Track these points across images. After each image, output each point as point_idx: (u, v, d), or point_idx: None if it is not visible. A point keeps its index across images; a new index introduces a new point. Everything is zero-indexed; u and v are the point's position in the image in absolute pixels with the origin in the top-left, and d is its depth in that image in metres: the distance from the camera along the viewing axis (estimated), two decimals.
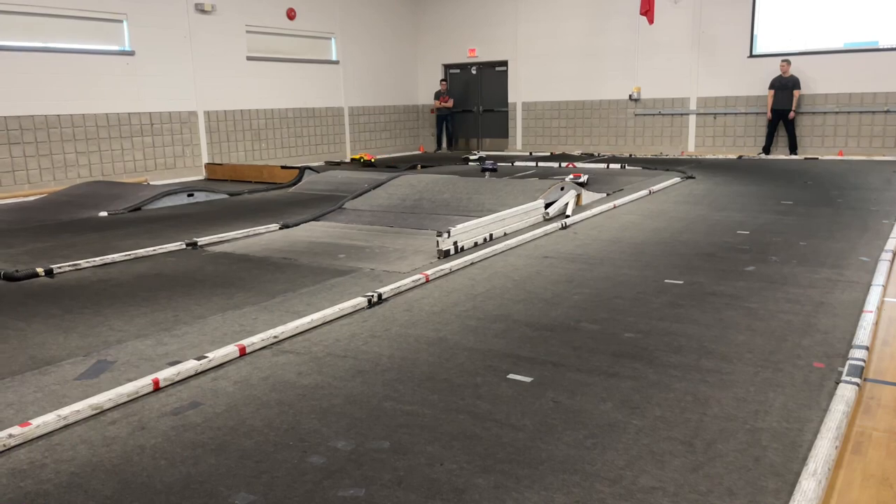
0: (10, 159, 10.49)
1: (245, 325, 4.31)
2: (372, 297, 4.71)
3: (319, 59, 15.56)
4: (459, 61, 18.01)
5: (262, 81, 14.14)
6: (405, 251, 6.31)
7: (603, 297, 4.76)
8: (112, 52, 11.69)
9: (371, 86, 16.86)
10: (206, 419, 3.03)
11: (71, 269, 5.78)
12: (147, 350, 3.89)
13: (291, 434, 2.88)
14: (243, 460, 2.67)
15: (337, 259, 6.06)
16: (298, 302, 4.78)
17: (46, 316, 4.55)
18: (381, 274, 5.50)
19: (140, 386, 3.29)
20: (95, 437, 2.87)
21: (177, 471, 2.60)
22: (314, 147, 15.52)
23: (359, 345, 3.93)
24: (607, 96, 16.19)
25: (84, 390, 3.32)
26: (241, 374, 3.54)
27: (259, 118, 14.23)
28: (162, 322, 4.40)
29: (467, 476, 2.51)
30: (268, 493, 2.43)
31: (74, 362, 3.72)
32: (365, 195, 8.75)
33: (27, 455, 2.73)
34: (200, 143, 13.17)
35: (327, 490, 2.44)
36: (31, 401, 3.23)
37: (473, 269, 5.64)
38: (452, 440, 2.79)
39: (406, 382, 3.39)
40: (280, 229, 7.46)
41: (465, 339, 3.98)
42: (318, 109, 15.52)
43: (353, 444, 2.77)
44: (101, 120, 11.55)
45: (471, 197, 8.05)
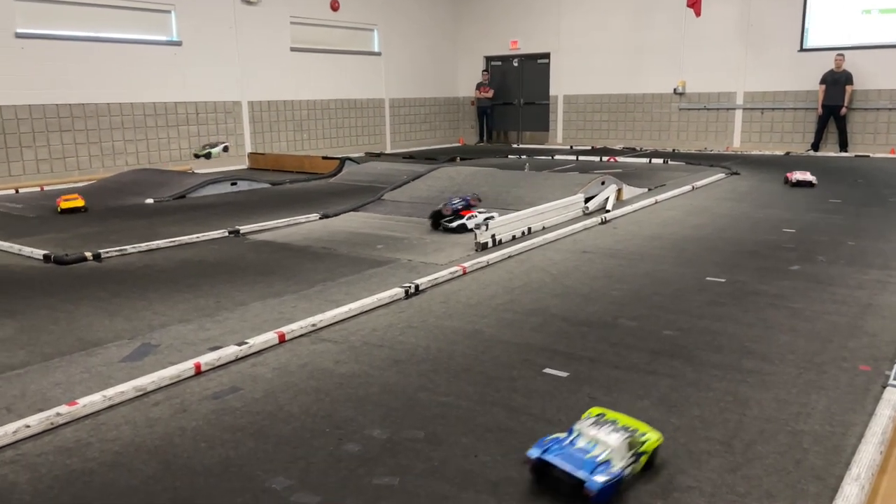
0: (61, 146, 10.80)
1: (284, 312, 4.37)
2: (409, 287, 4.73)
3: (361, 51, 15.65)
4: (501, 53, 17.92)
5: (305, 72, 14.28)
6: (442, 243, 6.32)
7: (642, 293, 4.70)
8: (160, 42, 11.93)
9: (412, 77, 16.89)
10: (245, 404, 3.09)
11: (118, 254, 5.94)
12: (189, 335, 3.98)
13: (328, 421, 2.91)
14: (281, 445, 2.72)
15: (375, 249, 6.10)
16: (337, 291, 4.83)
17: (94, 299, 4.68)
18: (419, 265, 5.53)
19: (182, 369, 3.37)
20: (139, 418, 2.95)
21: (216, 453, 2.66)
22: (355, 138, 15.63)
23: (395, 335, 3.96)
24: (651, 90, 15.94)
25: (129, 372, 3.42)
26: (280, 360, 3.60)
27: (301, 109, 14.39)
28: (204, 308, 4.49)
29: (501, 469, 2.52)
30: (304, 478, 2.47)
31: (120, 345, 3.82)
32: (404, 186, 8.79)
33: (74, 433, 2.82)
34: (244, 132, 13.37)
35: (362, 477, 2.47)
36: (78, 381, 3.33)
37: (511, 262, 5.63)
38: (487, 432, 2.79)
39: (441, 373, 3.40)
40: (320, 219, 7.54)
41: (502, 333, 3.97)
42: (359, 101, 15.61)
43: (388, 433, 2.79)
44: (148, 109, 11.81)
45: (509, 190, 8.02)
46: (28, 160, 10.46)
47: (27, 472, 2.52)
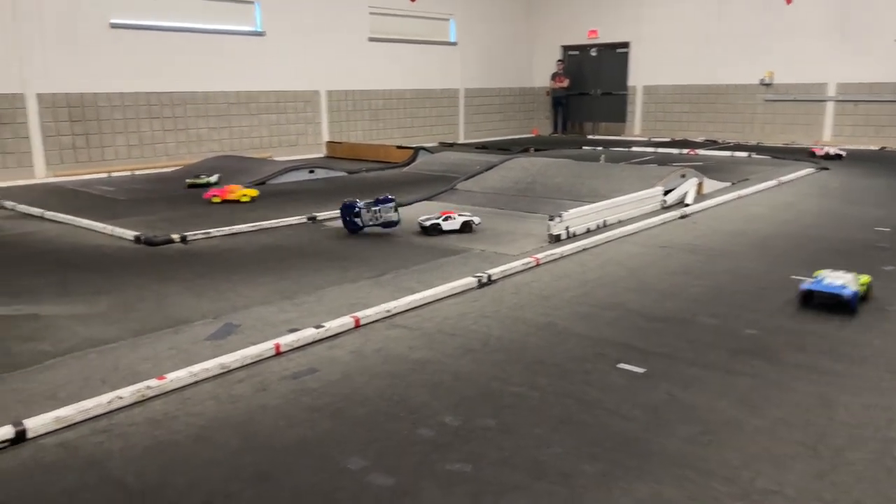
0: (150, 132, 11.30)
1: (360, 298, 4.45)
2: (482, 277, 4.73)
3: (438, 41, 15.69)
4: (578, 43, 17.62)
5: (382, 62, 14.44)
6: (515, 234, 6.29)
7: (723, 290, 4.56)
8: (244, 32, 12.30)
9: (487, 67, 16.83)
10: (322, 385, 3.17)
11: (203, 237, 6.18)
12: (270, 316, 4.11)
13: (402, 406, 2.96)
14: (356, 427, 2.78)
15: (448, 239, 6.12)
16: (410, 279, 4.88)
17: (180, 279, 4.89)
18: (491, 255, 5.52)
19: (263, 349, 3.49)
20: (222, 394, 3.07)
21: (295, 432, 2.74)
22: (428, 128, 15.71)
23: (468, 324, 3.97)
24: (735, 80, 15.34)
25: (213, 350, 3.56)
26: (355, 344, 3.67)
27: (377, 98, 14.56)
28: (283, 291, 4.62)
29: (574, 461, 2.50)
30: (379, 460, 2.52)
31: (205, 323, 3.98)
32: (477, 177, 8.78)
33: (162, 406, 2.97)
34: (322, 121, 13.65)
35: (435, 462, 2.50)
36: (166, 357, 3.49)
37: (585, 255, 5.55)
38: (560, 424, 2.77)
39: (514, 364, 3.40)
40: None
41: (575, 325, 3.93)
42: (434, 91, 15.68)
43: (460, 420, 2.81)
44: (231, 97, 12.20)
45: (584, 182, 7.90)
46: (120, 146, 10.98)
47: (120, 441, 2.67)
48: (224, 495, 2.31)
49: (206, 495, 2.31)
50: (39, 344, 3.63)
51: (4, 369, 3.30)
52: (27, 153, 9.99)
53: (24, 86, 9.83)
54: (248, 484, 2.38)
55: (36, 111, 10.00)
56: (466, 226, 6.25)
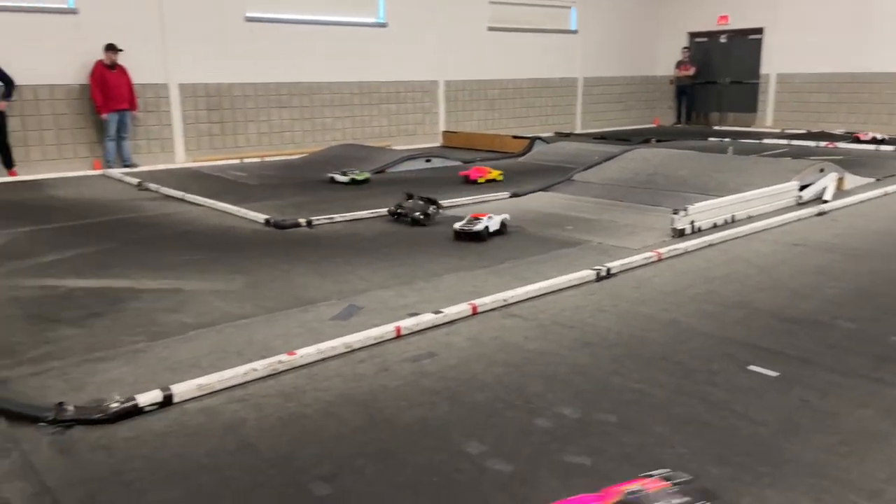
0: (279, 121, 11.86)
1: (476, 286, 4.49)
2: (600, 270, 4.64)
3: (557, 29, 15.46)
4: (707, 29, 16.82)
5: (500, 52, 14.41)
6: (636, 227, 6.12)
7: (866, 293, 4.24)
8: (368, 24, 12.64)
9: (608, 56, 16.41)
10: (440, 369, 3.23)
11: (327, 221, 6.43)
12: (389, 300, 4.22)
13: (518, 394, 2.96)
14: (474, 412, 2.81)
15: (564, 230, 6.05)
16: (526, 269, 4.87)
17: (307, 261, 5.12)
18: (610, 248, 5.40)
19: (384, 331, 3.59)
20: (347, 372, 3.20)
21: (415, 413, 2.81)
22: (545, 118, 15.54)
23: (585, 317, 3.92)
24: (882, 69, 14.12)
25: (337, 329, 3.70)
26: (472, 331, 3.71)
27: (494, 88, 14.56)
28: (402, 276, 4.73)
29: (700, 463, 2.41)
30: (497, 445, 2.54)
31: (329, 304, 4.15)
32: (595, 168, 8.60)
33: (292, 380, 3.12)
34: (439, 111, 13.82)
35: (553, 453, 2.49)
36: (296, 333, 3.67)
37: (711, 251, 5.32)
38: (684, 424, 2.68)
39: (634, 360, 3.32)
40: (510, 197, 7.62)
41: (700, 324, 3.78)
42: (551, 80, 15.48)
43: (579, 413, 2.78)
44: (354, 88, 12.59)
45: (711, 175, 7.55)
46: (251, 133, 11.61)
47: (254, 411, 2.84)
48: (350, 469, 2.41)
49: (333, 467, 2.42)
50: (183, 316, 3.92)
51: (153, 338, 3.59)
52: (169, 139, 10.76)
53: (168, 76, 10.59)
54: (371, 459, 2.47)
55: (178, 100, 10.74)
56: (503, 226, 5.86)
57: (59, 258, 5.19)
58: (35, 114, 9.50)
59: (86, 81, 9.71)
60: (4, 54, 9.05)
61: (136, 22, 10.13)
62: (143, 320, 3.85)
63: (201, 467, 2.43)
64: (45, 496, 2.25)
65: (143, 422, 2.72)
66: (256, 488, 2.30)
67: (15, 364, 3.28)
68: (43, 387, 3.05)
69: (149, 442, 2.59)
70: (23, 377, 3.14)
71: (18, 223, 6.36)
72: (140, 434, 2.64)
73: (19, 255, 5.24)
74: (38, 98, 9.49)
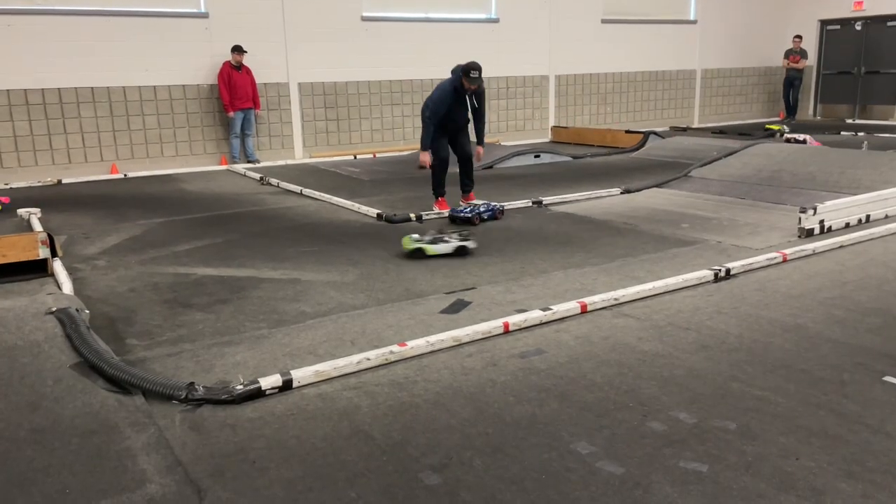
0: (391, 118, 12.13)
1: (585, 284, 4.42)
2: (719, 271, 4.45)
3: (675, 20, 14.89)
4: (840, 16, 15.68)
5: (614, 44, 14.05)
6: (758, 226, 5.81)
7: None
8: (479, 20, 12.67)
9: (729, 46, 15.63)
10: (549, 367, 3.20)
11: (436, 216, 6.52)
12: (497, 296, 4.23)
13: (631, 396, 2.89)
14: (584, 412, 2.77)
15: (680, 228, 5.84)
16: (639, 268, 4.74)
17: (417, 256, 5.20)
18: (729, 248, 5.17)
19: (493, 326, 3.61)
20: (455, 365, 3.24)
21: (523, 409, 2.81)
22: (660, 112, 15.02)
23: (703, 319, 3.76)
24: None
25: (446, 323, 3.75)
26: (582, 330, 3.66)
27: (607, 82, 14.22)
28: (510, 272, 4.73)
29: (828, 477, 2.26)
30: (607, 447, 2.49)
31: (438, 298, 4.21)
32: (714, 163, 8.24)
33: (403, 371, 3.20)
34: (549, 106, 13.67)
35: (668, 458, 2.41)
36: (406, 325, 3.75)
37: (842, 252, 4.97)
38: (811, 436, 2.53)
39: (756, 365, 3.16)
40: (622, 194, 7.44)
41: (830, 330, 3.54)
42: (667, 72, 14.94)
43: (695, 419, 2.68)
44: None
45: (844, 171, 7.05)
46: (364, 130, 11.94)
47: (367, 399, 2.93)
48: (459, 460, 2.44)
49: (442, 458, 2.46)
50: (301, 305, 4.10)
51: (274, 325, 3.78)
52: (289, 136, 11.25)
53: (288, 75, 11.07)
54: (479, 452, 2.49)
55: (297, 99, 11.21)
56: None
57: (191, 247, 5.55)
58: (169, 112, 10.20)
59: (214, 81, 10.32)
60: (144, 57, 9.79)
61: (261, 24, 10.66)
62: (264, 308, 4.06)
63: (318, 450, 2.53)
64: (178, 469, 2.42)
65: (265, 404, 2.87)
66: (369, 473, 2.38)
67: (153, 345, 3.56)
68: (176, 367, 3.28)
69: (270, 423, 2.73)
70: (159, 357, 3.40)
71: (155, 214, 6.87)
72: (262, 415, 2.79)
73: (157, 244, 5.66)
74: (172, 97, 10.18)
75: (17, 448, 2.53)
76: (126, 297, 4.34)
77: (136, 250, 5.49)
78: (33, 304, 3.63)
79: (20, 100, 9.17)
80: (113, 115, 9.78)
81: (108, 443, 2.56)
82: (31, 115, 9.26)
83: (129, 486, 2.31)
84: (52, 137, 9.43)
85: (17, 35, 9.04)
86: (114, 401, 2.86)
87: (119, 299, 4.30)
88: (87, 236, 5.98)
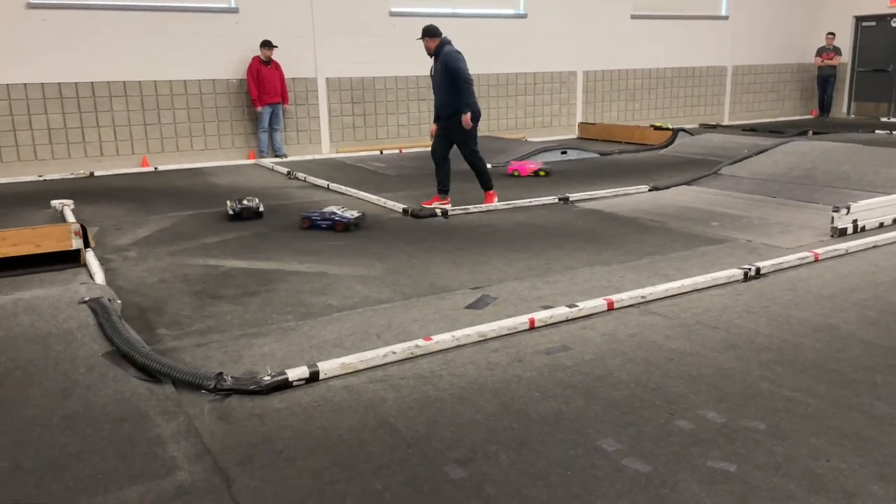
0: (417, 114, 12.14)
1: (612, 281, 4.39)
2: (749, 270, 4.39)
3: (706, 15, 14.69)
4: (876, 12, 15.34)
5: (643, 40, 13.91)
6: (790, 225, 5.72)
7: None
8: (508, 15, 12.62)
9: (761, 42, 15.38)
10: (575, 363, 3.19)
11: (462, 212, 6.52)
12: (523, 291, 4.22)
13: (658, 394, 2.87)
14: (610, 409, 2.75)
15: (709, 226, 5.77)
16: (667, 266, 4.70)
17: (442, 251, 5.22)
18: (760, 247, 5.09)
19: (518, 322, 3.60)
20: (481, 360, 3.24)
21: (549, 405, 2.80)
22: (689, 108, 14.85)
23: (731, 318, 3.72)
24: None
25: (471, 318, 3.75)
26: (608, 327, 3.63)
27: (635, 78, 14.09)
28: (536, 268, 4.71)
29: (860, 480, 2.23)
30: (634, 444, 2.48)
31: (464, 293, 4.21)
32: (744, 161, 8.12)
33: (428, 365, 3.21)
34: (576, 102, 13.58)
35: (696, 457, 2.39)
36: (431, 320, 3.76)
37: (876, 253, 4.87)
38: (842, 438, 2.48)
39: (786, 366, 3.11)
40: (650, 191, 7.37)
41: (863, 331, 3.48)
42: (697, 68, 14.75)
43: (724, 418, 2.65)
44: (491, 80, 12.63)
45: (878, 170, 6.90)
46: (391, 125, 11.97)
47: (393, 392, 2.94)
48: (484, 454, 2.44)
49: (468, 451, 2.46)
50: (328, 298, 4.13)
51: (300, 318, 3.82)
52: (316, 131, 11.32)
53: (316, 70, 11.13)
54: (505, 447, 2.49)
55: (325, 93, 11.27)
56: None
57: (220, 240, 5.62)
58: (199, 106, 10.32)
59: (242, 76, 10.41)
60: (175, 51, 9.91)
61: (290, 19, 10.73)
62: (291, 300, 4.10)
63: (344, 441, 2.55)
64: (206, 457, 2.45)
65: (292, 395, 2.90)
66: (395, 465, 2.39)
67: (183, 335, 3.61)
68: (205, 357, 3.32)
69: (297, 414, 2.75)
70: (188, 347, 3.45)
71: (185, 207, 6.97)
72: (289, 406, 2.81)
73: (186, 236, 5.74)
74: (202, 92, 10.30)
75: (51, 433, 2.58)
76: (156, 287, 4.41)
77: (166, 242, 5.56)
78: (67, 294, 3.70)
79: (54, 93, 9.35)
80: (144, 109, 9.93)
81: (138, 430, 2.61)
82: (64, 108, 9.44)
83: (160, 472, 2.35)
84: (84, 130, 9.61)
85: (52, 29, 9.22)
86: (144, 389, 2.90)
87: (149, 290, 4.37)
88: (118, 228, 6.09)
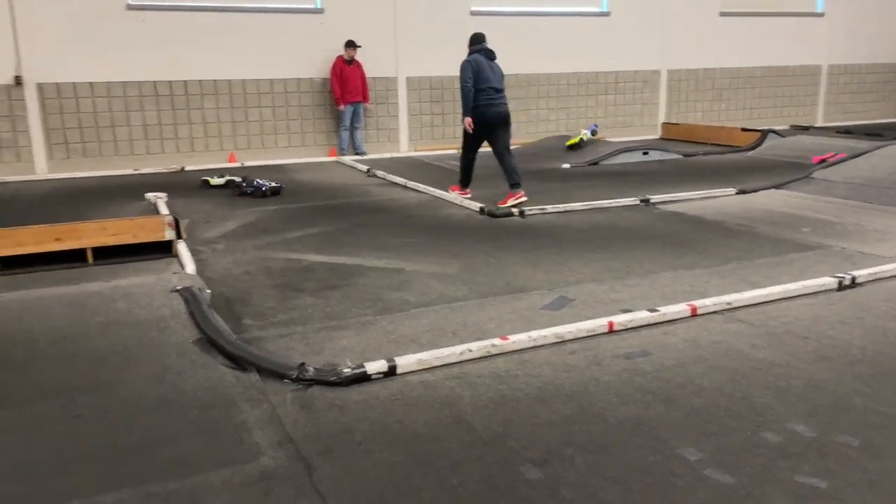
0: None
1: (695, 286, 4.26)
2: (843, 278, 4.18)
3: (800, 12, 14.04)
4: None
5: (732, 38, 13.42)
6: (888, 233, 5.41)
7: None
8: (590, 13, 12.44)
9: (860, 40, 14.58)
10: (655, 369, 3.12)
11: (539, 212, 6.47)
12: (601, 294, 4.16)
13: (743, 404, 2.77)
14: (691, 417, 2.68)
15: (800, 232, 5.52)
16: (754, 272, 4.53)
17: (518, 250, 5.19)
18: (855, 255, 4.84)
19: (597, 325, 3.54)
20: (557, 362, 3.21)
21: (627, 410, 2.75)
22: (779, 109, 14.23)
23: (824, 328, 3.55)
24: None
25: (548, 319, 3.72)
26: (691, 333, 3.53)
27: (723, 77, 13.62)
28: (615, 270, 4.63)
29: None
30: (717, 455, 2.40)
31: (541, 293, 4.18)
32: (839, 165, 7.73)
33: (504, 364, 3.20)
34: (659, 102, 13.24)
35: (783, 471, 2.29)
36: (507, 319, 3.75)
37: None
38: None
39: (882, 380, 2.95)
40: (736, 194, 7.11)
41: None
42: (789, 67, 14.12)
43: (814, 432, 2.53)
44: (571, 79, 12.48)
45: None
46: None
47: (469, 389, 2.95)
48: (560, 457, 2.42)
49: (543, 453, 2.44)
50: (405, 294, 4.19)
51: (379, 313, 3.88)
52: (395, 129, 11.48)
53: (397, 70, 11.28)
54: (581, 450, 2.46)
55: (405, 93, 11.41)
56: None
57: (302, 235, 5.78)
58: (284, 105, 10.63)
59: (325, 75, 10.66)
60: (262, 51, 10.26)
61: (373, 19, 10.91)
62: (370, 295, 4.17)
63: (420, 436, 2.58)
64: (289, 444, 2.53)
65: (370, 388, 2.96)
66: (471, 462, 2.40)
67: (267, 325, 3.73)
68: (287, 348, 3.43)
69: (375, 407, 2.80)
70: (272, 338, 3.56)
71: (268, 202, 7.20)
72: (368, 399, 2.87)
73: (270, 231, 5.93)
74: (287, 90, 10.61)
75: (144, 416, 2.72)
76: (242, 279, 4.58)
77: (251, 235, 5.77)
78: (160, 282, 3.90)
79: (150, 91, 9.83)
80: (232, 107, 10.32)
81: (225, 416, 2.72)
82: (159, 105, 9.91)
83: (244, 458, 2.44)
84: (177, 127, 10.06)
85: (149, 29, 9.70)
86: (231, 377, 3.02)
87: (235, 281, 4.54)
88: (207, 221, 6.35)
